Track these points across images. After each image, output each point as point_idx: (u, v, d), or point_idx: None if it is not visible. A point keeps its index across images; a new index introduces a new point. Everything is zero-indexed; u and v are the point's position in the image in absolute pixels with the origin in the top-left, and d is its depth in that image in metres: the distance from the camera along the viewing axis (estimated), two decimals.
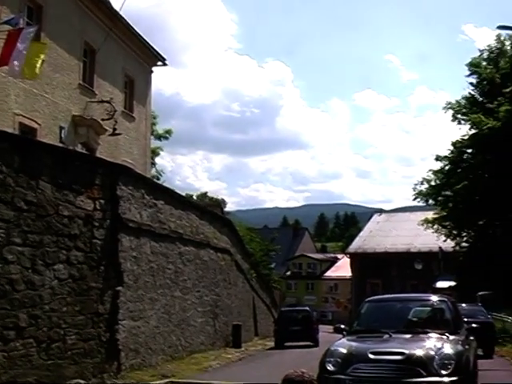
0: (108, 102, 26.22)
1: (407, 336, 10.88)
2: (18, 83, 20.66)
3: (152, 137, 37.12)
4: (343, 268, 77.49)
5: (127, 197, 17.81)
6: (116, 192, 17.12)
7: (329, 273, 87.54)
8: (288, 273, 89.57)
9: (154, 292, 19.82)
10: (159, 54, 32.46)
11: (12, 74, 18.40)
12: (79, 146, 24.73)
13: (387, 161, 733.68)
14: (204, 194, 69.20)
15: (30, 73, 17.84)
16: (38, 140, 19.21)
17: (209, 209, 30.49)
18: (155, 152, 40.57)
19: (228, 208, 78.05)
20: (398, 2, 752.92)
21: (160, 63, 33.31)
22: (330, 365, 10.22)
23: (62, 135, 23.58)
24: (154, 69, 33.43)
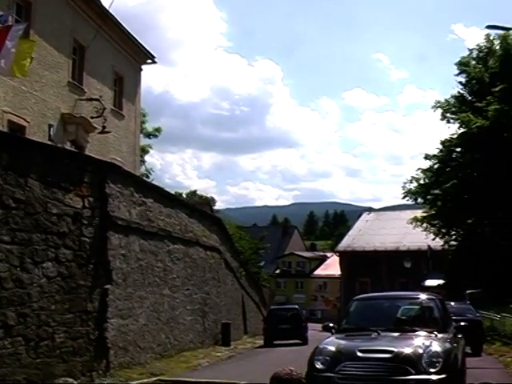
0: (97, 100, 26.20)
1: (395, 334, 10.89)
2: (7, 81, 20.62)
3: (141, 135, 37.11)
4: (332, 266, 77.71)
5: (116, 195, 17.78)
6: (105, 190, 17.07)
7: (318, 271, 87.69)
8: (277, 271, 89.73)
9: (143, 290, 19.79)
10: (149, 52, 32.43)
11: (0, 72, 18.34)
12: (68, 144, 24.68)
13: (376, 159, 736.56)
14: (193, 192, 69.20)
15: (19, 71, 17.80)
16: (27, 138, 19.17)
17: (198, 207, 30.47)
18: (144, 150, 40.58)
19: (217, 206, 78.16)
20: (388, 1, 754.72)
21: (149, 61, 33.30)
22: (319, 363, 10.23)
23: (51, 133, 23.54)
24: (144, 67, 33.42)
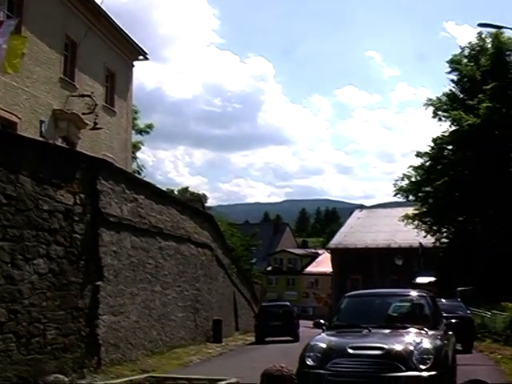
0: (89, 96, 26.11)
1: (386, 331, 10.92)
2: None
3: (133, 131, 37.03)
4: (324, 263, 77.70)
5: (107, 191, 17.77)
6: (96, 186, 17.07)
7: (309, 268, 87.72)
8: (269, 268, 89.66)
9: (135, 287, 19.79)
10: (140, 49, 32.34)
11: None
12: (60, 140, 24.59)
13: (368, 157, 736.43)
14: (185, 189, 68.95)
15: (11, 67, 17.73)
16: (18, 134, 19.10)
17: (190, 204, 30.42)
18: (136, 146, 40.48)
19: (209, 203, 77.87)
20: None
21: (141, 57, 33.19)
22: (310, 359, 10.26)
23: (43, 129, 23.45)
24: (136, 63, 33.31)
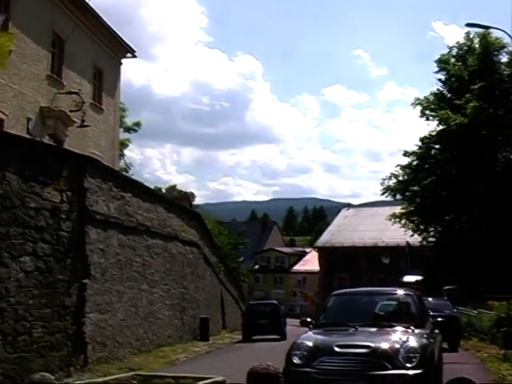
0: (76, 94, 26.05)
1: (373, 329, 10.95)
2: None
3: (121, 129, 36.95)
4: (311, 262, 77.79)
5: (94, 189, 17.72)
6: (83, 184, 17.02)
7: (297, 267, 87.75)
8: (256, 266, 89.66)
9: (121, 285, 19.75)
10: (128, 46, 32.26)
11: None
12: (47, 138, 24.53)
13: (356, 156, 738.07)
14: (173, 187, 68.84)
15: None
16: (5, 131, 19.02)
17: (177, 202, 30.42)
18: (124, 144, 40.39)
19: (197, 201, 77.74)
20: None
21: (129, 55, 33.13)
22: (296, 358, 10.27)
23: (30, 126, 23.38)
24: (124, 61, 33.25)
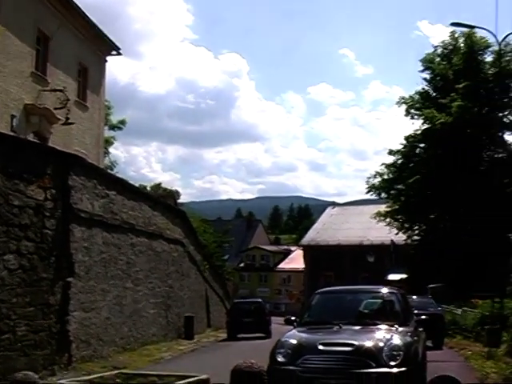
0: (61, 91, 25.93)
1: (357, 327, 10.99)
2: None
3: (106, 127, 36.82)
4: (296, 260, 77.92)
5: (79, 187, 17.65)
6: (68, 182, 16.95)
7: (282, 265, 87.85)
8: (241, 264, 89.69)
9: (106, 283, 19.70)
10: (114, 44, 32.14)
11: None
12: (31, 135, 24.41)
13: (341, 154, 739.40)
14: (158, 185, 68.70)
15: None
16: None
17: (162, 200, 30.38)
18: (109, 142, 40.26)
19: (182, 199, 77.51)
20: None
21: (114, 53, 33.01)
22: (281, 356, 10.27)
23: (14, 124, 23.26)
24: (109, 58, 33.13)
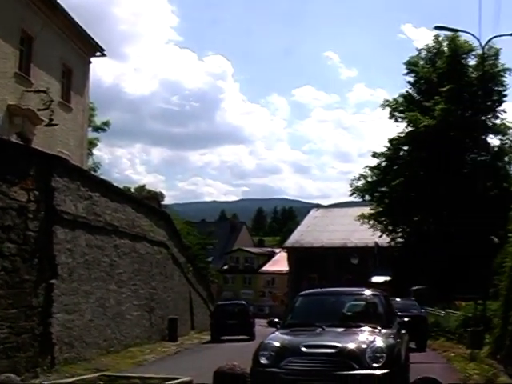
0: (44, 92, 25.82)
1: (340, 329, 11.01)
2: None
3: (90, 128, 36.71)
4: (280, 262, 77.95)
5: (62, 188, 17.59)
6: (51, 183, 16.88)
7: (266, 267, 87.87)
8: (225, 267, 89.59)
9: (89, 285, 19.64)
10: (98, 45, 32.04)
11: None
12: (14, 136, 24.29)
13: (325, 157, 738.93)
14: (142, 187, 68.51)
15: None
16: None
17: (146, 202, 30.31)
18: (92, 143, 40.14)
19: (166, 201, 77.15)
20: (339, 0, 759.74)
21: (99, 54, 32.90)
22: (264, 358, 10.27)
23: None
24: (93, 59, 33.02)
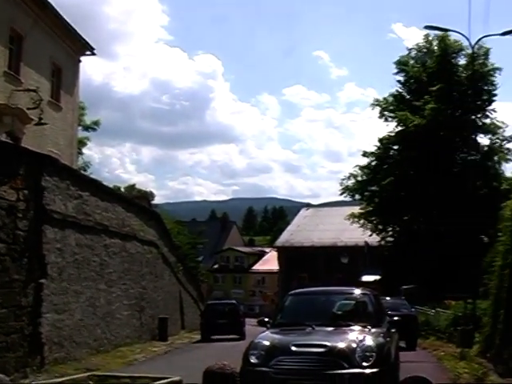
0: (34, 91, 25.74)
1: (330, 329, 11.03)
2: None
3: (79, 127, 36.63)
4: (271, 261, 78.03)
5: (52, 188, 17.54)
6: (40, 183, 16.84)
7: (256, 266, 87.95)
8: (215, 266, 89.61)
9: (79, 284, 19.59)
10: (88, 44, 31.98)
11: None
12: (4, 136, 24.18)
13: (316, 156, 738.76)
14: (132, 186, 68.37)
15: None
16: None
17: (136, 201, 30.28)
18: (82, 143, 40.05)
19: (156, 200, 76.99)
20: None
21: (88, 53, 32.84)
22: (254, 357, 10.28)
23: None
24: (83, 58, 32.96)
